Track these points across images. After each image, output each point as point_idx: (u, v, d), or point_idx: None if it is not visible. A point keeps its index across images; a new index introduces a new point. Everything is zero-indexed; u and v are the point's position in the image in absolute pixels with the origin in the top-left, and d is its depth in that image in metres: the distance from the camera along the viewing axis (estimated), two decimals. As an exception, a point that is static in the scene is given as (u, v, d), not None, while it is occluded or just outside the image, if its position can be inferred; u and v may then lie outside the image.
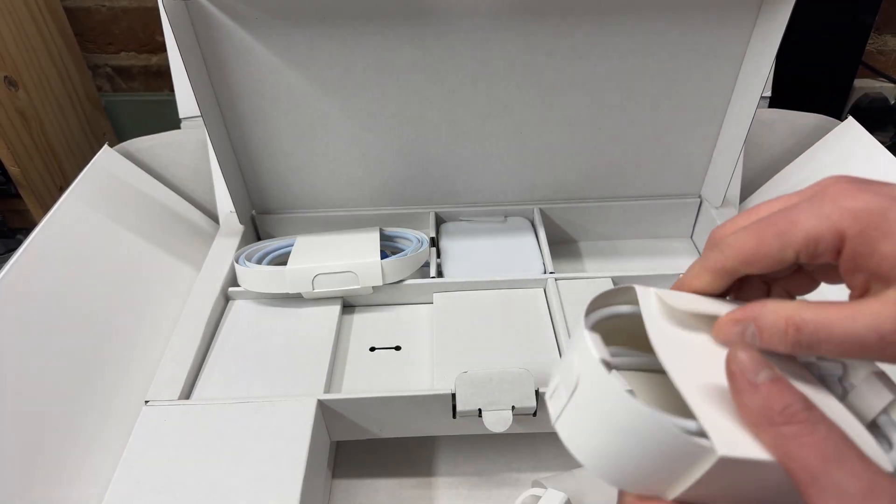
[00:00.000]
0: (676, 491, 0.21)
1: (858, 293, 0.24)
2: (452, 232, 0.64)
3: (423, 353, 0.53)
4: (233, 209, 0.61)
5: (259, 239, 0.67)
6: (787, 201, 0.26)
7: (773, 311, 0.24)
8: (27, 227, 1.16)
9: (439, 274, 0.60)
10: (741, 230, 0.26)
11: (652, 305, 0.26)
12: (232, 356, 0.51)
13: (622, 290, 0.26)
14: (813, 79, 0.88)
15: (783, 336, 0.23)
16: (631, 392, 0.21)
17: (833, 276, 0.27)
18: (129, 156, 0.68)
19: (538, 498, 0.43)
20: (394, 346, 0.54)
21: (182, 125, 0.72)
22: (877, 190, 0.24)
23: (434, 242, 0.62)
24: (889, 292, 0.23)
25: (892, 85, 0.96)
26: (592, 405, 0.22)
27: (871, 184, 0.24)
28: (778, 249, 0.24)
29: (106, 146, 0.64)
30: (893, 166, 0.55)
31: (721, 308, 0.26)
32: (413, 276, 0.57)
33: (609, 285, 0.57)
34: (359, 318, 0.57)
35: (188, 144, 0.69)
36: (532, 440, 0.52)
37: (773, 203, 0.27)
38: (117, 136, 1.31)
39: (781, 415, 0.21)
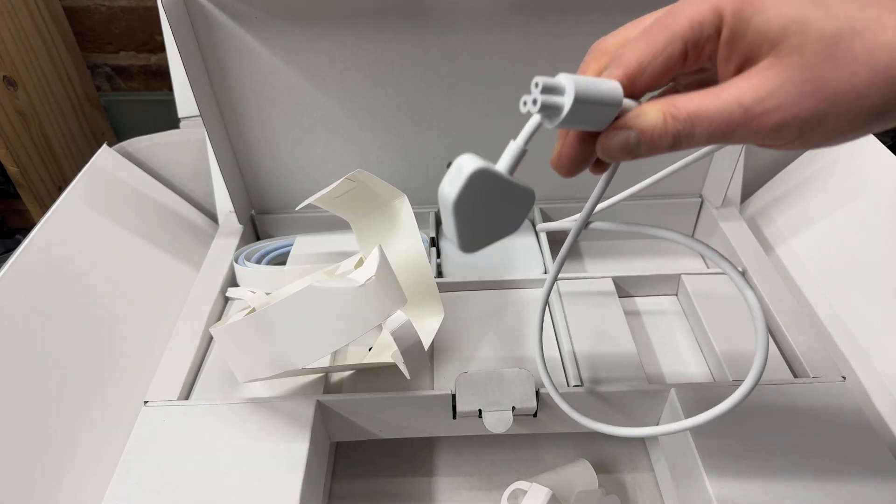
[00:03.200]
0: None
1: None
2: (452, 232, 0.64)
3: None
4: (232, 209, 0.61)
5: (258, 239, 0.66)
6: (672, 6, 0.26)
7: (649, 109, 0.25)
8: (26, 227, 1.16)
9: (439, 274, 0.59)
10: (633, 41, 0.26)
11: None
12: (231, 356, 0.51)
13: None
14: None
15: (663, 129, 0.24)
16: None
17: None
18: (128, 155, 0.67)
19: (524, 492, 0.43)
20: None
21: (181, 125, 0.72)
22: None
23: (434, 242, 0.62)
24: (752, 69, 0.23)
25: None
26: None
27: None
28: (665, 42, 0.24)
29: (105, 146, 0.64)
30: (894, 166, 0.55)
31: None
32: (413, 276, 0.56)
33: (610, 286, 0.56)
34: (358, 319, 0.57)
35: (187, 144, 0.69)
36: (533, 440, 0.52)
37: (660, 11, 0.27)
38: (116, 136, 1.31)
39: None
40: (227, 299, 0.57)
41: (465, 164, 0.25)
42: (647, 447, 0.52)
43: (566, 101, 0.24)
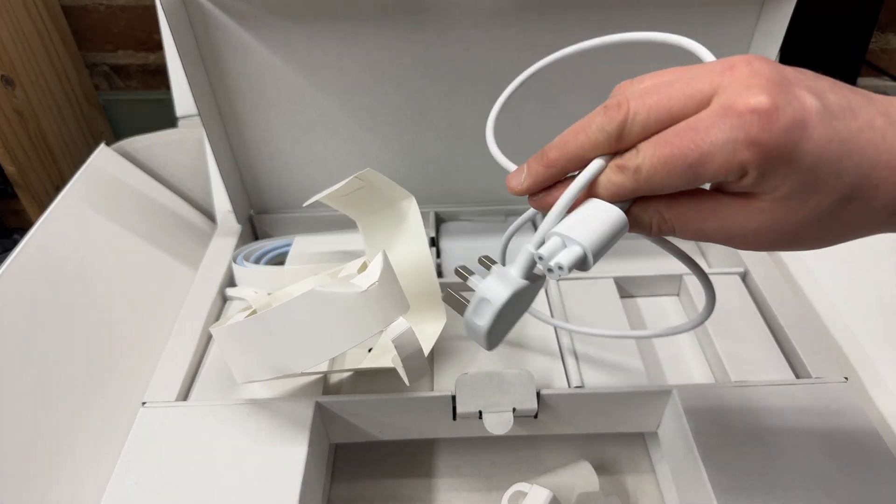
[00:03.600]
0: None
1: None
2: (452, 232, 0.64)
3: (422, 354, 0.52)
4: (231, 208, 0.61)
5: (257, 239, 0.66)
6: (693, 88, 0.24)
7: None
8: (24, 227, 1.16)
9: (439, 274, 0.59)
10: (651, 143, 0.24)
11: None
12: (230, 357, 0.51)
13: None
14: (814, 78, 0.88)
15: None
16: None
17: None
18: (127, 155, 0.67)
19: (525, 494, 0.43)
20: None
21: (179, 124, 0.72)
22: (793, 111, 0.22)
23: (434, 242, 0.62)
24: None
25: (895, 83, 0.96)
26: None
27: (789, 90, 0.22)
28: (686, 181, 0.24)
29: (103, 145, 0.63)
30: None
31: None
32: (413, 277, 0.56)
33: (610, 285, 0.56)
34: (358, 319, 0.56)
35: (186, 143, 0.69)
36: (533, 442, 0.52)
37: (680, 87, 0.24)
38: (114, 135, 1.31)
39: None
40: (225, 299, 0.57)
41: (493, 297, 0.27)
42: (649, 448, 0.51)
43: (583, 253, 0.26)
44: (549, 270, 0.25)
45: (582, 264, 0.25)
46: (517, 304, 0.28)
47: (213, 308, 0.54)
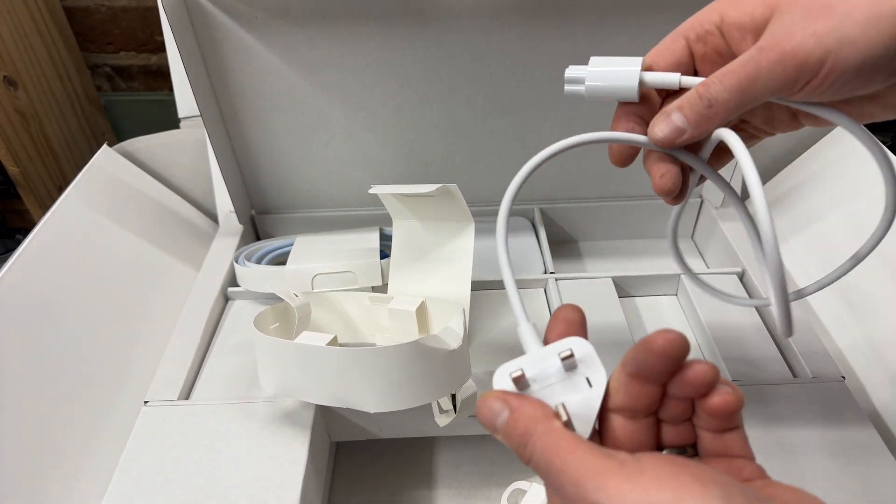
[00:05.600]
0: None
1: None
2: (452, 232, 0.64)
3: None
4: (232, 209, 0.61)
5: (258, 239, 0.66)
6: None
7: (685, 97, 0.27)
8: (26, 227, 1.16)
9: (439, 274, 0.59)
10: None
11: None
12: (232, 356, 0.51)
13: None
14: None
15: (696, 98, 0.27)
16: None
17: None
18: (129, 155, 0.67)
19: (524, 492, 0.43)
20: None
21: (181, 125, 0.72)
22: None
23: (434, 242, 0.62)
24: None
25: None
26: None
27: None
28: (670, 40, 0.30)
29: (105, 146, 0.64)
30: (894, 166, 0.55)
31: None
32: (413, 276, 0.56)
33: (609, 285, 0.56)
34: (358, 319, 0.57)
35: (187, 144, 0.69)
36: (532, 440, 0.52)
37: None
38: (116, 136, 1.31)
39: (522, 438, 0.22)
40: (227, 299, 0.57)
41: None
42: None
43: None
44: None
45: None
46: None
47: (215, 308, 0.54)
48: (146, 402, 0.45)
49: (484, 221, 0.65)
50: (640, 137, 0.30)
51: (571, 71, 0.32)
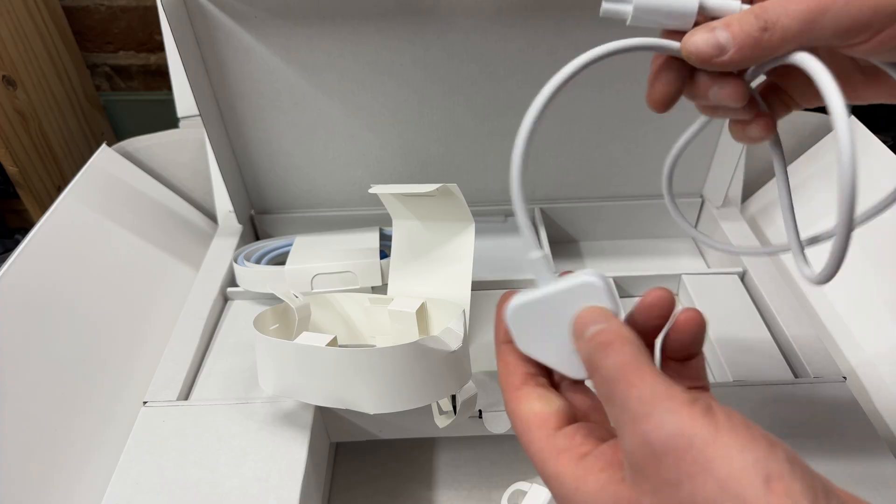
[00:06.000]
0: None
1: None
2: (452, 232, 0.64)
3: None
4: (231, 209, 0.61)
5: (258, 239, 0.66)
6: None
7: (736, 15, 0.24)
8: (25, 227, 1.16)
9: (439, 274, 0.59)
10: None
11: None
12: (231, 356, 0.51)
13: None
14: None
15: (750, 18, 0.23)
16: None
17: None
18: (128, 155, 0.67)
19: (524, 493, 0.43)
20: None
21: (180, 124, 0.72)
22: None
23: (434, 242, 0.62)
24: None
25: (892, 84, 0.96)
26: None
27: None
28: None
29: (104, 146, 0.64)
30: (894, 166, 0.55)
31: None
32: (413, 277, 0.56)
33: (610, 285, 0.56)
34: (358, 319, 0.57)
35: (187, 144, 0.69)
36: (532, 441, 0.52)
37: None
38: (116, 136, 1.31)
39: (602, 347, 0.23)
40: (226, 299, 0.57)
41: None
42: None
43: None
44: None
45: None
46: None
47: (215, 308, 0.54)
48: (145, 402, 0.45)
49: (484, 221, 0.66)
50: (674, 44, 0.26)
51: None
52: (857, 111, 0.93)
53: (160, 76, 1.26)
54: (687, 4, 0.25)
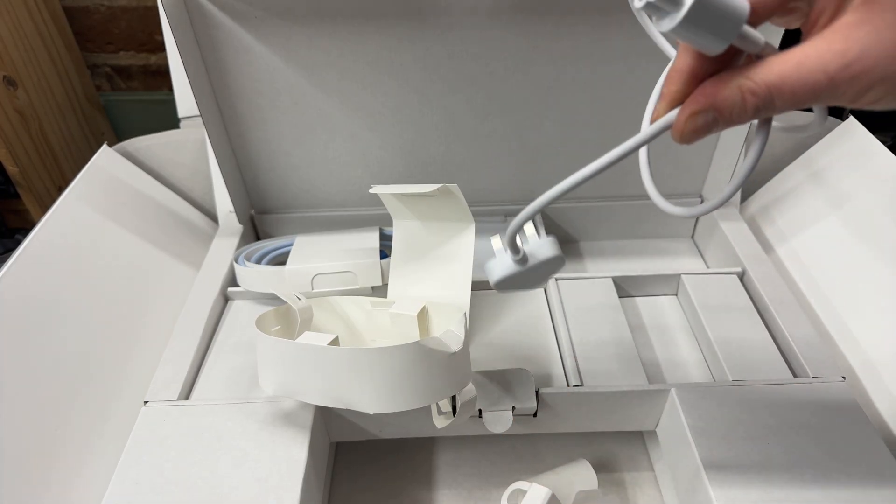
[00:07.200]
0: None
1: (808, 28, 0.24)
2: (452, 232, 0.64)
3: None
4: (232, 209, 0.61)
5: (258, 239, 0.66)
6: None
7: (724, 86, 0.24)
8: (26, 227, 1.16)
9: (439, 274, 0.59)
10: None
11: None
12: (231, 356, 0.51)
13: None
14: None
15: (742, 107, 0.24)
16: None
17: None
18: (128, 155, 0.67)
19: (524, 492, 0.43)
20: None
21: (181, 124, 0.72)
22: None
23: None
24: (839, 23, 0.22)
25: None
26: None
27: None
28: None
29: (105, 146, 0.64)
30: (894, 166, 0.55)
31: None
32: (413, 276, 0.56)
33: (609, 285, 0.56)
34: (358, 319, 0.57)
35: (187, 144, 0.69)
36: (533, 440, 0.52)
37: None
38: (116, 136, 1.31)
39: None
40: (226, 299, 0.57)
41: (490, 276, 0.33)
42: (647, 447, 0.52)
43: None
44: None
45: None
46: (529, 274, 0.33)
47: (215, 308, 0.54)
48: (146, 402, 0.45)
49: (484, 221, 0.66)
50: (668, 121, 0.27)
51: None
52: (857, 112, 0.93)
53: (160, 76, 1.26)
54: (729, 31, 0.23)
